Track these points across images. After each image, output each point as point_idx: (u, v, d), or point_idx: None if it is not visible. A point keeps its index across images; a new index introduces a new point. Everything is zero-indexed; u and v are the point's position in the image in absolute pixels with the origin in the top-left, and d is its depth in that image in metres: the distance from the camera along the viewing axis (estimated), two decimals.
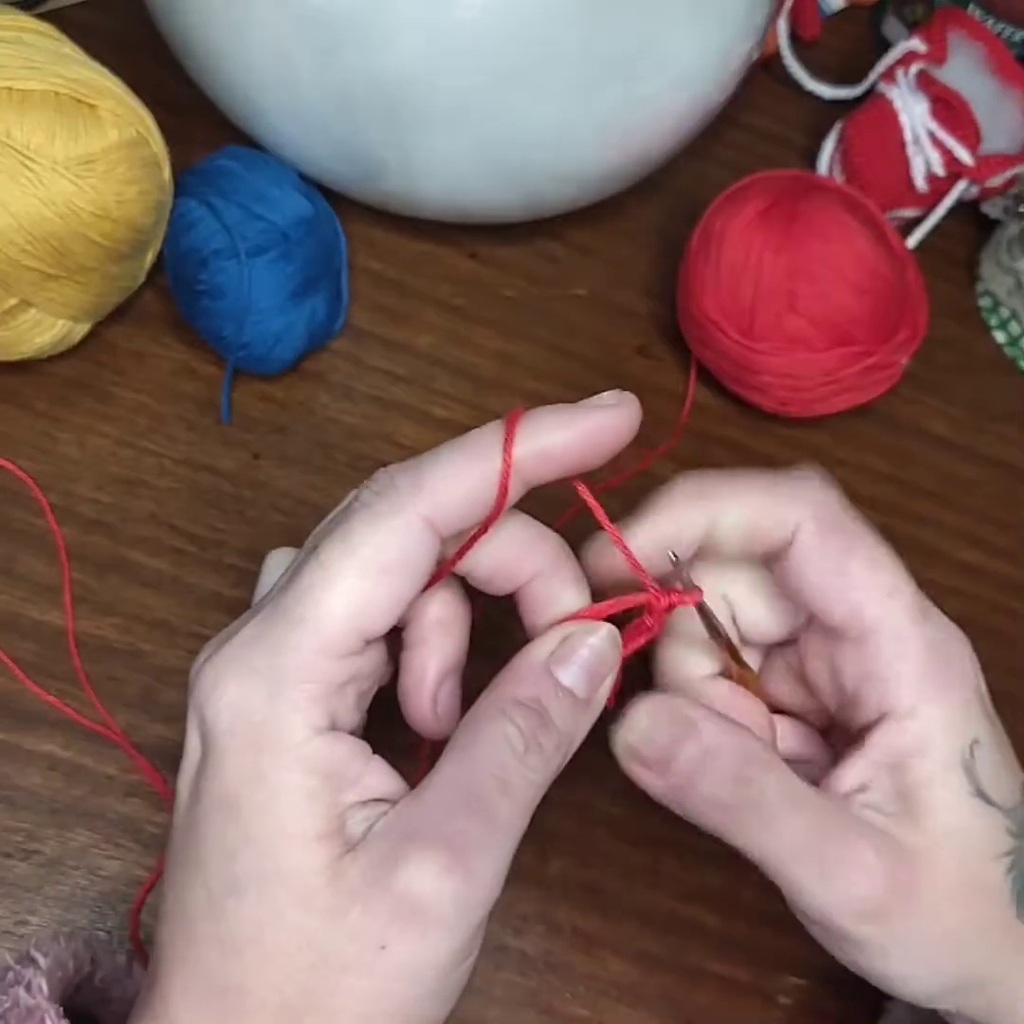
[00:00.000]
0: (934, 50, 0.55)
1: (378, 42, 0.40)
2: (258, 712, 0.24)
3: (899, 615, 0.28)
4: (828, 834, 0.27)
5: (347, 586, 0.24)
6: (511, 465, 0.25)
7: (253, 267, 0.43)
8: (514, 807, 0.25)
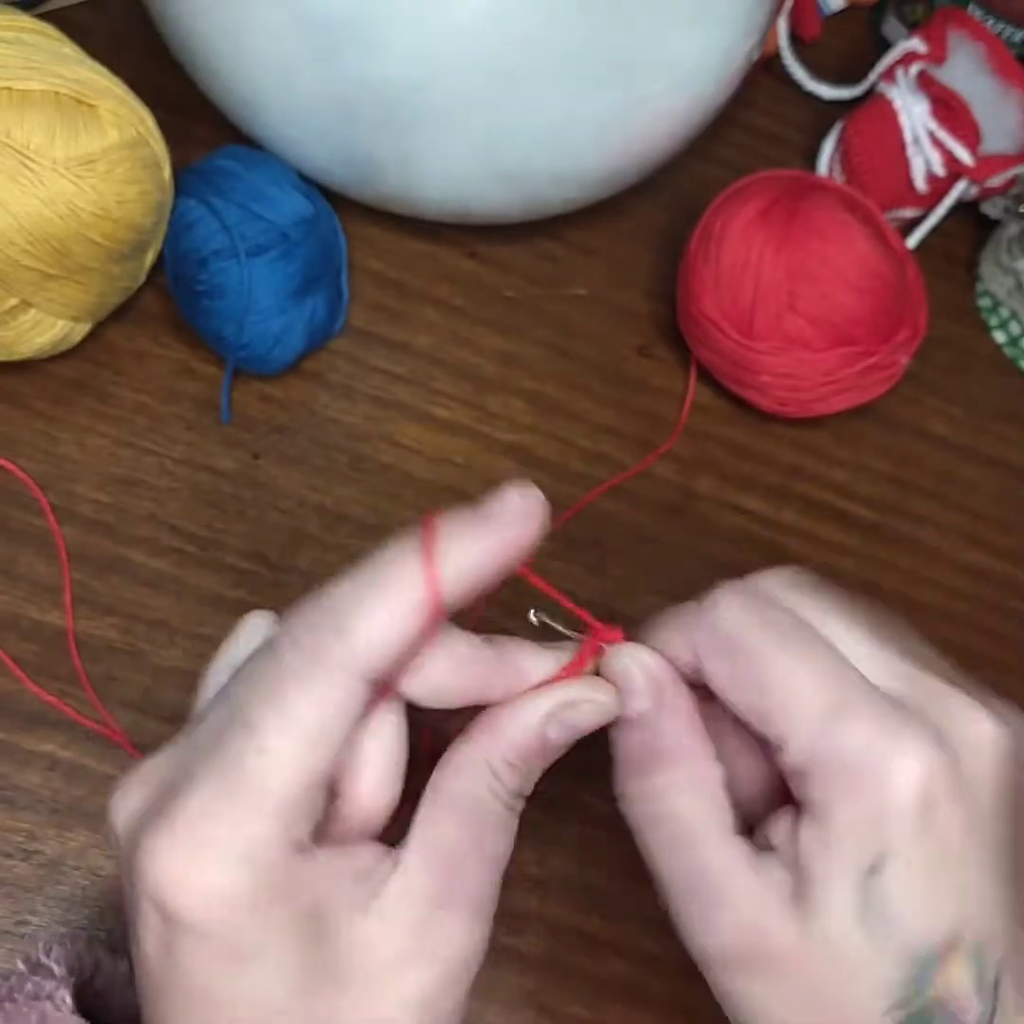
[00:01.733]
0: (934, 50, 0.55)
1: (378, 43, 0.40)
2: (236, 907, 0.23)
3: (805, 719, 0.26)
4: (703, 882, 0.27)
5: (292, 765, 0.23)
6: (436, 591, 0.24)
7: (253, 267, 0.43)
8: (505, 843, 0.26)
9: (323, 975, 0.24)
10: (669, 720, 0.27)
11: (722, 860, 0.26)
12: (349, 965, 0.24)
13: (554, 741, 0.26)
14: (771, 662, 0.26)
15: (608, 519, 0.48)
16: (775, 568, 0.29)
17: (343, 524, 0.46)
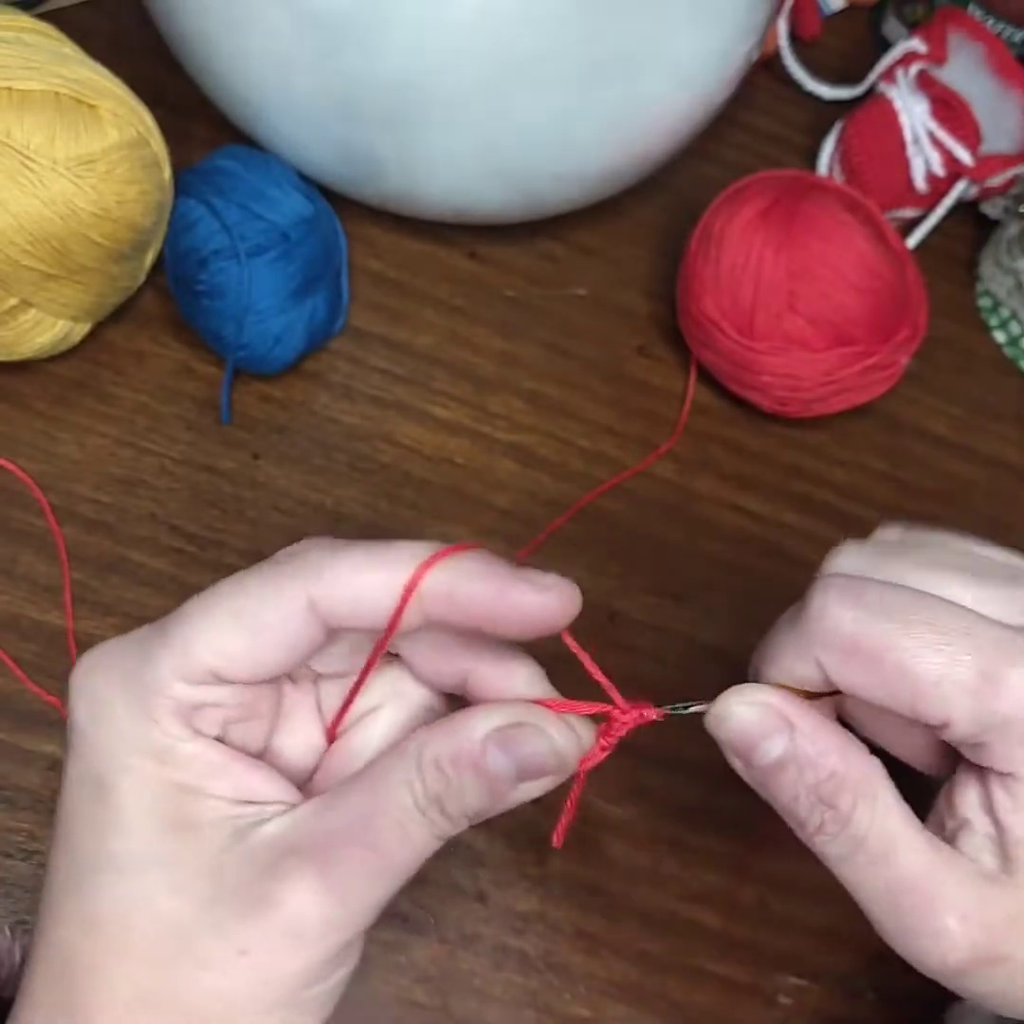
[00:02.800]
0: (934, 50, 0.55)
1: (378, 42, 0.40)
2: (119, 709, 0.25)
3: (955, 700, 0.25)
4: (913, 896, 0.25)
5: (213, 625, 0.25)
6: (417, 583, 0.24)
7: (253, 267, 0.43)
8: (408, 852, 0.24)
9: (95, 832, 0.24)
10: (819, 737, 0.25)
11: (929, 865, 0.25)
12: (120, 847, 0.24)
13: (492, 768, 0.24)
14: (903, 651, 0.25)
15: (608, 519, 0.48)
16: (850, 542, 0.28)
17: (343, 524, 0.46)
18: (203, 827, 0.24)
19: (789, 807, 0.25)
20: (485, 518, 0.47)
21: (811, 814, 0.25)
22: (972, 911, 0.25)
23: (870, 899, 0.25)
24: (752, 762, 0.25)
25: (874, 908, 0.25)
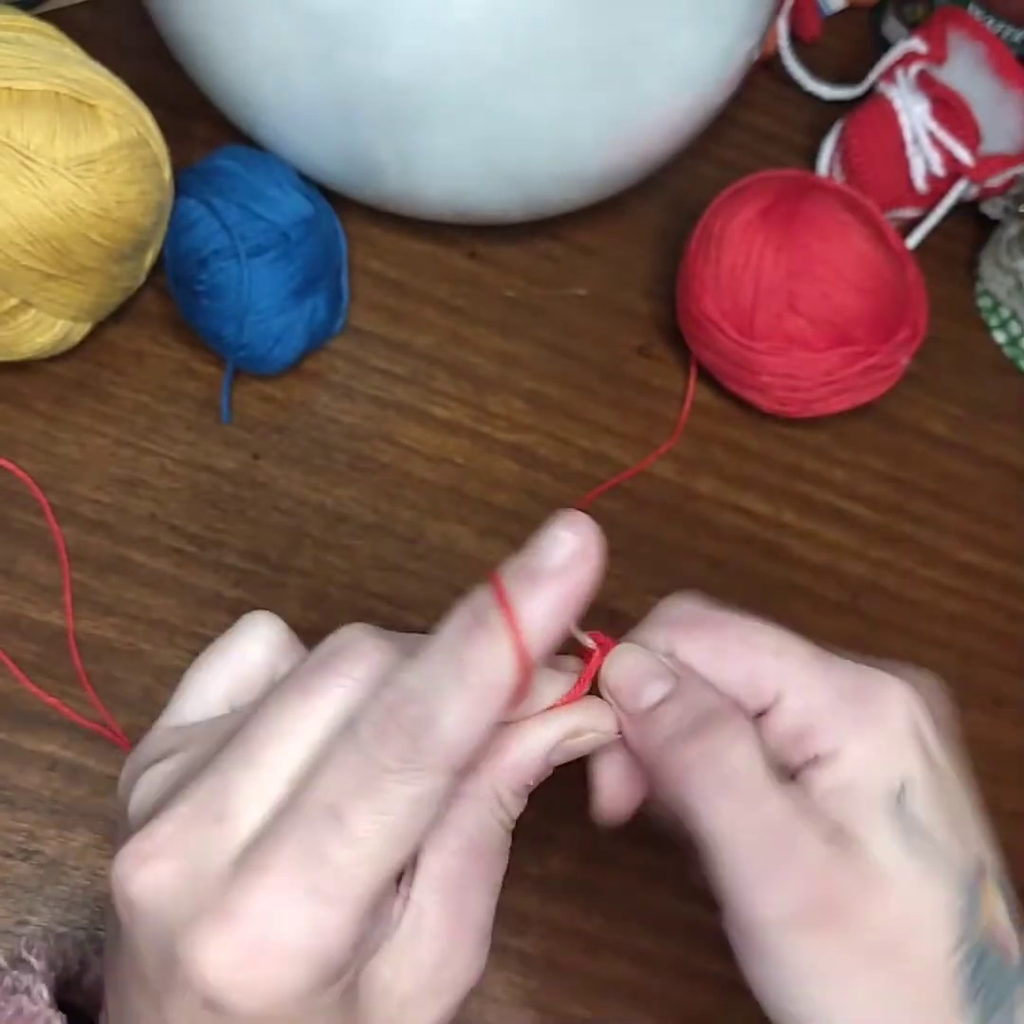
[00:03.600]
0: (934, 50, 0.55)
1: (378, 43, 0.40)
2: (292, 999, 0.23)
3: (794, 671, 0.27)
4: (769, 843, 0.25)
5: (381, 865, 0.23)
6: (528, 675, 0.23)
7: (253, 267, 0.43)
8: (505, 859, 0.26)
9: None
10: (701, 684, 0.27)
11: (787, 815, 0.25)
12: (369, 1011, 0.24)
13: (554, 764, 0.26)
14: (745, 626, 0.27)
15: (608, 519, 0.48)
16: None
17: (343, 524, 0.46)
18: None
19: (659, 748, 0.26)
20: (485, 518, 0.47)
21: (684, 749, 0.26)
22: (819, 872, 0.25)
23: (725, 838, 0.26)
24: (638, 702, 0.27)
25: (724, 849, 0.26)
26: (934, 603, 0.50)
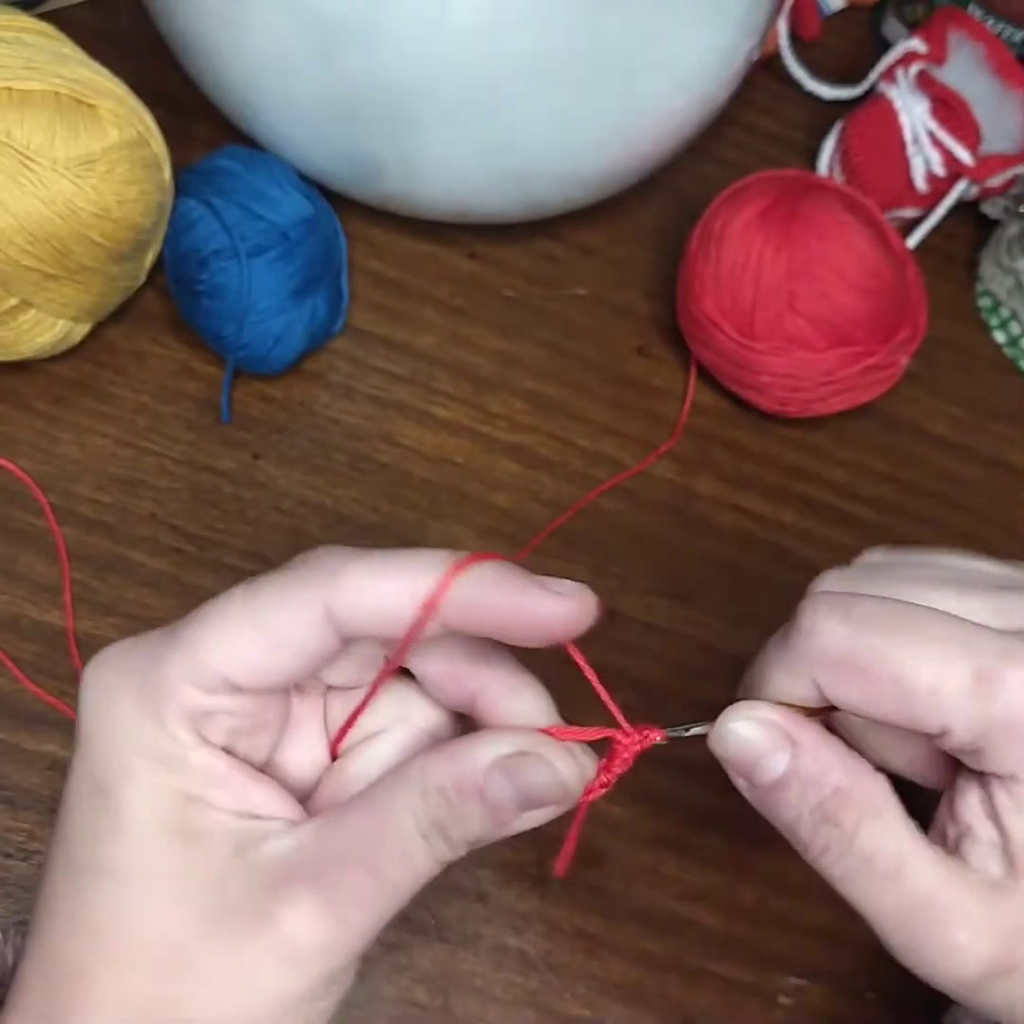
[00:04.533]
0: (934, 50, 0.55)
1: (378, 43, 0.40)
2: (127, 712, 0.24)
3: (955, 706, 0.24)
4: (923, 913, 0.25)
5: (228, 631, 0.24)
6: (443, 593, 0.24)
7: (253, 267, 0.43)
8: (408, 876, 0.24)
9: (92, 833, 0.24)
10: (822, 754, 0.25)
11: (936, 882, 0.25)
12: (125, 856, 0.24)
13: (494, 796, 0.24)
14: (896, 662, 0.24)
15: (608, 519, 0.48)
16: (834, 568, 0.28)
17: (343, 524, 0.46)
18: (206, 839, 0.24)
19: (793, 826, 0.25)
20: (485, 518, 0.47)
21: (815, 833, 0.25)
22: (983, 924, 0.24)
23: (879, 918, 0.25)
24: (754, 780, 0.25)
25: (883, 926, 0.25)
26: None
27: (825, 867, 0.25)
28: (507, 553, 0.47)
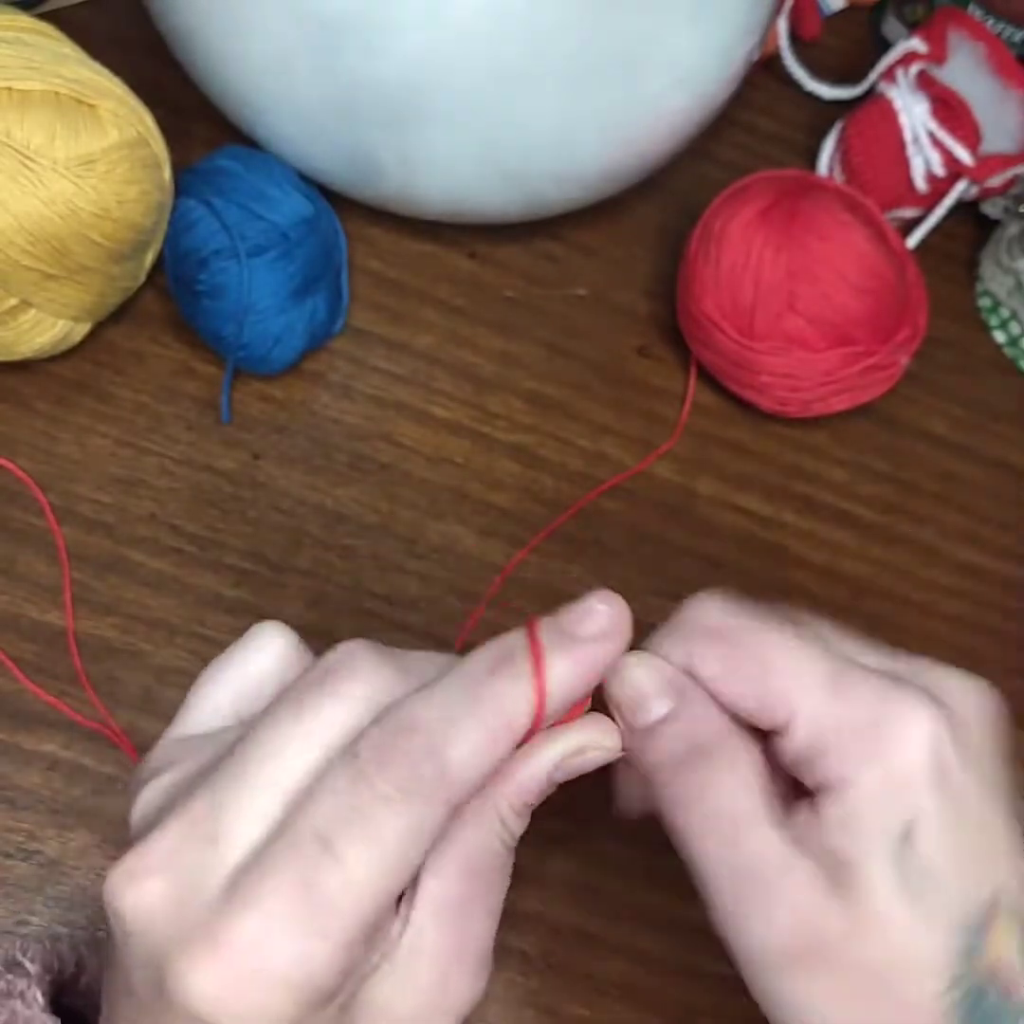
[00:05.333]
0: (934, 50, 0.55)
1: (378, 43, 0.40)
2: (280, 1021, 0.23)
3: (808, 694, 0.25)
4: (754, 881, 0.25)
5: (373, 895, 0.22)
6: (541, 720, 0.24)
7: (253, 267, 0.43)
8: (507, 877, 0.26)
9: None
10: (700, 709, 0.26)
11: (775, 851, 0.25)
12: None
13: (556, 782, 0.26)
14: (764, 644, 0.26)
15: (608, 519, 0.48)
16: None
17: (343, 524, 0.46)
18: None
19: (654, 770, 0.26)
20: (485, 518, 0.47)
21: (672, 779, 0.26)
22: (806, 910, 0.25)
23: (713, 874, 0.26)
24: (635, 722, 0.26)
25: (715, 884, 0.26)
26: (934, 603, 0.50)
27: (672, 817, 0.26)
28: (507, 553, 0.48)
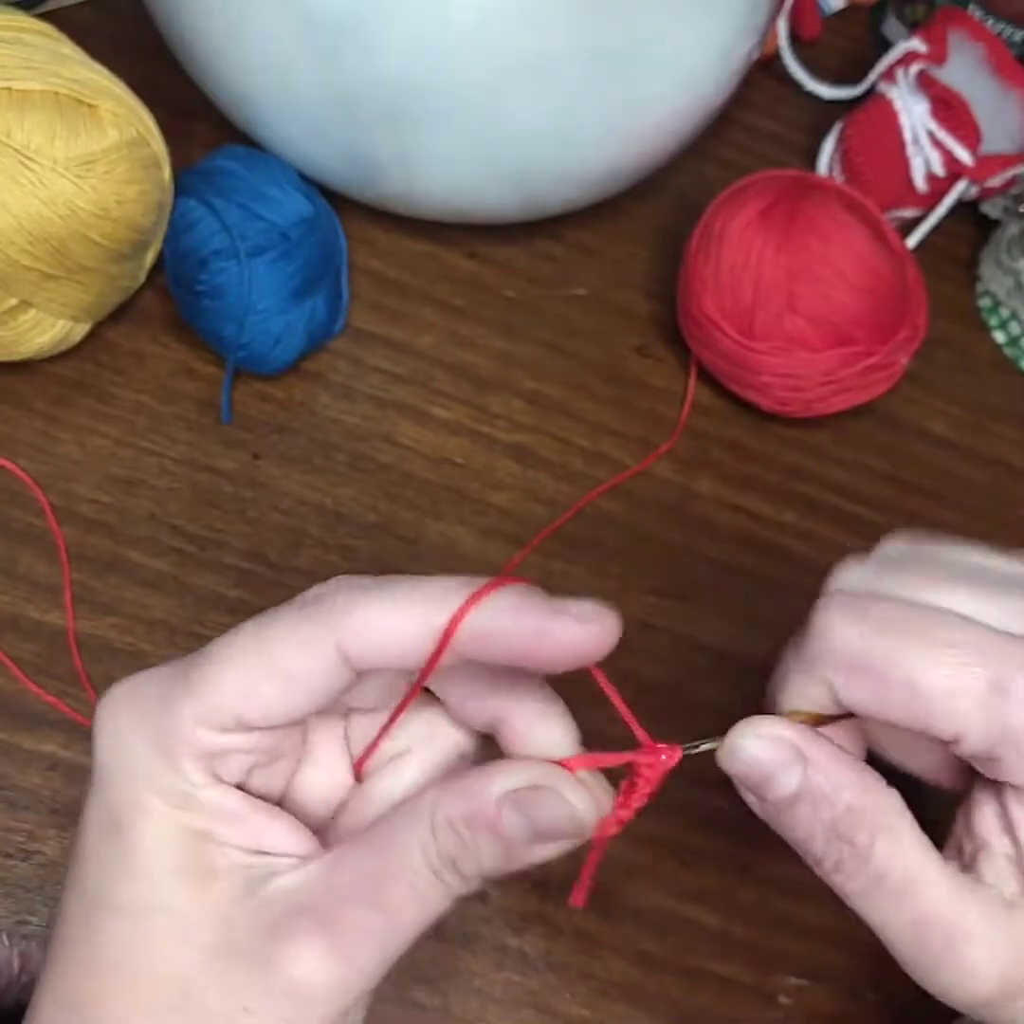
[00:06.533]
0: (934, 50, 0.55)
1: (378, 43, 0.40)
2: (140, 750, 0.24)
3: (968, 714, 0.24)
4: (937, 930, 0.24)
5: (239, 671, 0.24)
6: (456, 626, 0.23)
7: (253, 267, 0.43)
8: (419, 912, 0.24)
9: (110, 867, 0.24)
10: (834, 771, 0.25)
11: (948, 900, 0.24)
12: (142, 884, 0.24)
13: (507, 830, 0.24)
14: (910, 665, 0.24)
15: (608, 519, 0.48)
16: (852, 557, 0.27)
17: (343, 524, 0.46)
18: (216, 876, 0.24)
19: (805, 843, 0.25)
20: (485, 518, 0.47)
21: (828, 850, 0.25)
22: (995, 942, 0.24)
23: (893, 934, 0.25)
24: (766, 798, 0.25)
25: (897, 943, 0.25)
26: None
27: (838, 883, 0.25)
28: (507, 553, 0.48)
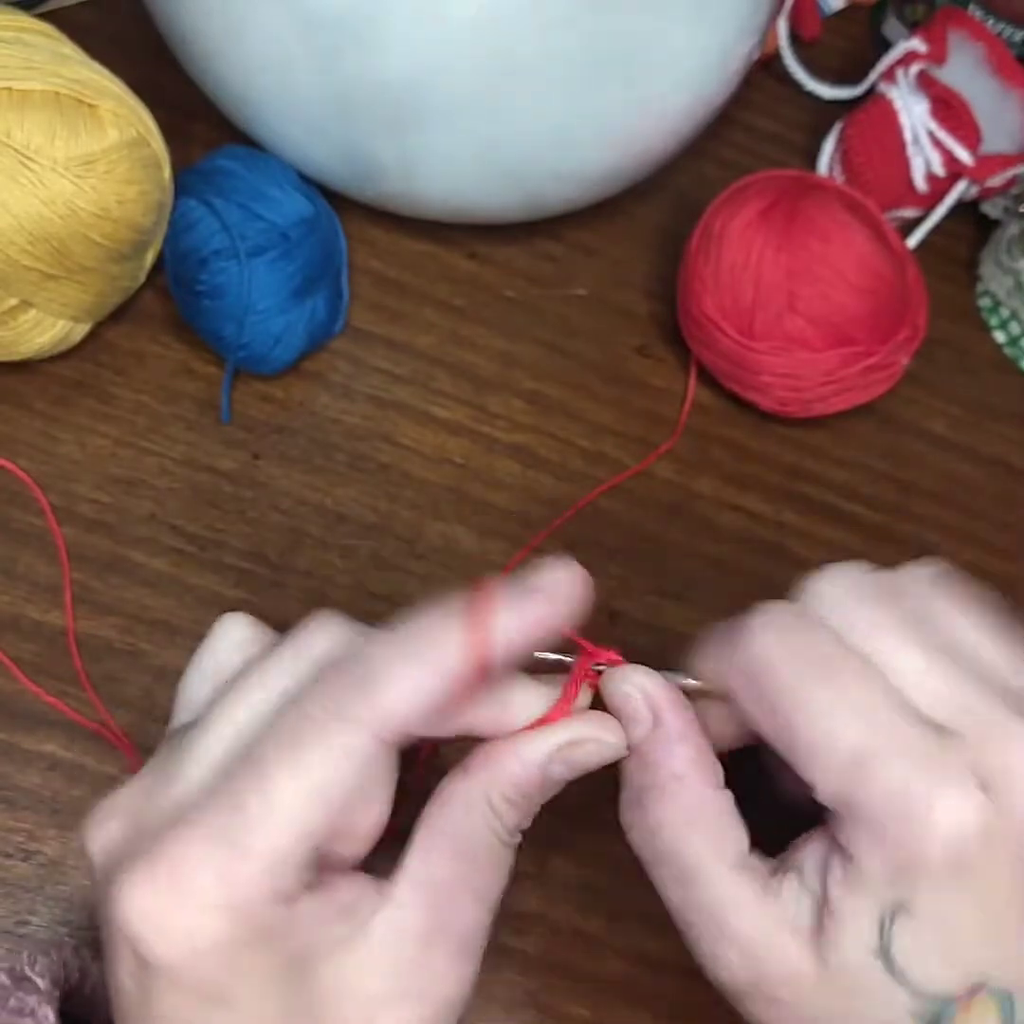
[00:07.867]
0: (934, 50, 0.55)
1: (378, 43, 0.40)
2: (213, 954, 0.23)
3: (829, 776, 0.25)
4: (705, 919, 0.27)
5: (296, 818, 0.23)
6: (486, 667, 0.24)
7: (253, 267, 0.43)
8: (503, 879, 0.26)
9: (302, 1019, 0.23)
10: (663, 748, 0.27)
11: (725, 897, 0.26)
12: (331, 1005, 0.24)
13: (556, 778, 0.26)
14: (801, 703, 0.25)
15: (608, 519, 0.48)
16: (835, 569, 0.27)
17: (343, 524, 0.46)
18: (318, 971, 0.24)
19: (623, 785, 0.27)
20: (485, 518, 0.47)
21: (628, 808, 0.27)
22: (761, 949, 0.25)
23: (674, 912, 0.27)
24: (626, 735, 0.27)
25: (677, 919, 0.27)
26: None
27: (636, 844, 0.28)
28: (507, 553, 0.48)
